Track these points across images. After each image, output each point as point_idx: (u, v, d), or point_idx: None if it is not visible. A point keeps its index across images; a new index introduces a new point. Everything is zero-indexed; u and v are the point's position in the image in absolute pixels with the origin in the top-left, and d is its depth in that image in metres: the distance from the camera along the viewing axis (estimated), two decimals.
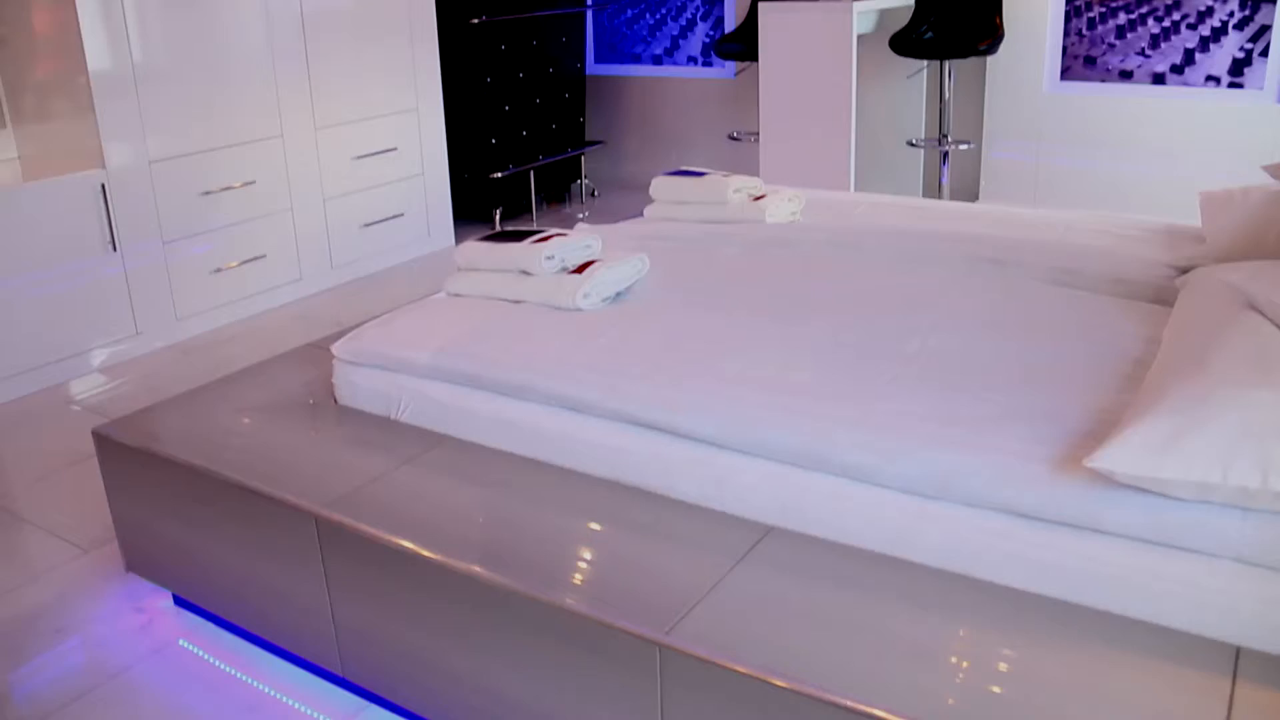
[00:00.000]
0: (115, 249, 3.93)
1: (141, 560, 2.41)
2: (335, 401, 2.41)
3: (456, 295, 2.58)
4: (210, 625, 2.38)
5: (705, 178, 3.24)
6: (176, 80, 4.06)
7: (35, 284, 3.71)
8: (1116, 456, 1.52)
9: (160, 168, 4.05)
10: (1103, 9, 5.12)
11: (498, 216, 5.65)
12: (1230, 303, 1.97)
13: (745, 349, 2.12)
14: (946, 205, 3.40)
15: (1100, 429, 1.69)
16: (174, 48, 4.04)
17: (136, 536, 2.39)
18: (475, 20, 5.28)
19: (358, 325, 2.52)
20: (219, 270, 4.30)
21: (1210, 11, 4.89)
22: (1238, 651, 1.46)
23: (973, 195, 5.55)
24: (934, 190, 5.48)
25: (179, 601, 2.45)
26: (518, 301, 2.47)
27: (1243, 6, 4.81)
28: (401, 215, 5.07)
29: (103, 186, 3.88)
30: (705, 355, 2.10)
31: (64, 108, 3.96)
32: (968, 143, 5.38)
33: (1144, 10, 5.03)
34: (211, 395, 2.53)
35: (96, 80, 3.82)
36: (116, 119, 3.89)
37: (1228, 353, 1.70)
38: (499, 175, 5.55)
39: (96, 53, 3.81)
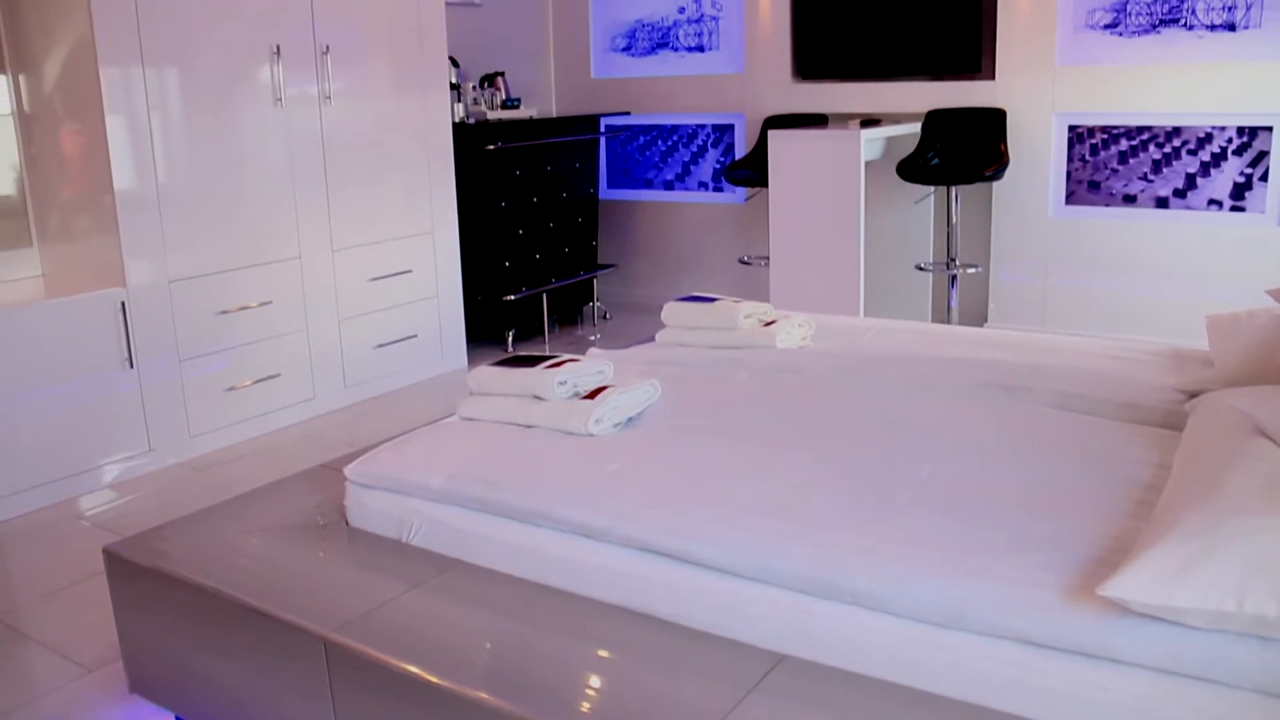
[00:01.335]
0: (132, 365, 3.98)
1: (146, 682, 2.39)
2: (346, 523, 2.41)
3: (469, 419, 2.60)
4: None
5: (716, 304, 3.28)
6: (198, 200, 4.16)
7: (52, 398, 3.75)
8: (1130, 585, 1.51)
9: (179, 286, 4.12)
10: (1104, 136, 5.24)
11: (510, 338, 5.70)
12: (1239, 428, 1.97)
13: (756, 475, 2.13)
14: (955, 330, 3.43)
15: (1112, 556, 1.68)
16: (197, 169, 4.15)
17: (142, 657, 2.37)
18: (491, 146, 5.41)
19: (369, 446, 2.53)
20: (233, 388, 4.34)
21: (1209, 138, 4.99)
22: None
23: (982, 317, 5.60)
24: (943, 313, 5.53)
25: None
26: (530, 426, 2.48)
27: (1240, 134, 4.92)
28: (415, 336, 5.12)
29: (123, 304, 3.94)
30: (716, 482, 2.10)
31: (88, 226, 4.05)
32: (976, 266, 5.45)
33: (1145, 137, 5.14)
34: (223, 515, 2.54)
35: (121, 199, 3.92)
36: (139, 238, 3.97)
37: (1239, 480, 1.70)
38: (512, 297, 5.62)
39: (122, 172, 3.91)
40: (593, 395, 2.47)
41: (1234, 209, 4.99)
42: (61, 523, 3.65)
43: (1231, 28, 4.88)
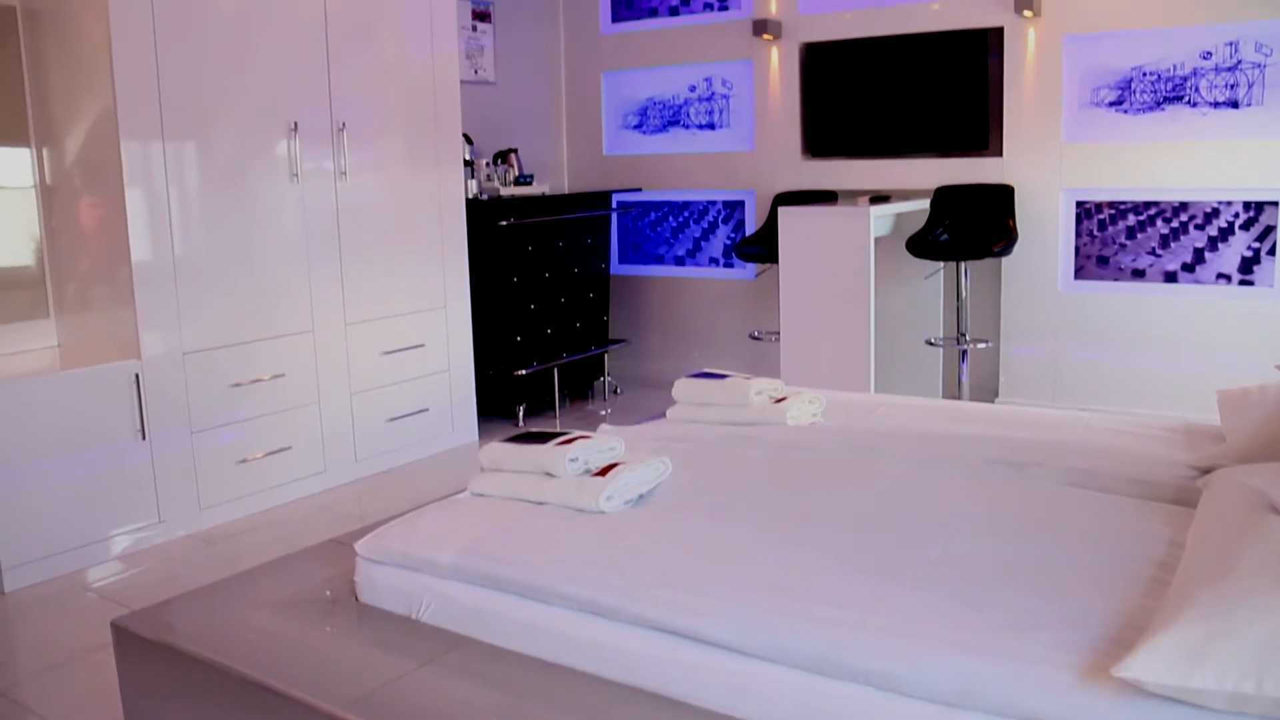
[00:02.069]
0: (145, 437, 3.99)
1: None
2: (356, 599, 2.40)
3: (480, 495, 2.60)
4: None
5: (727, 380, 3.29)
6: (214, 273, 4.20)
7: (63, 468, 3.76)
8: (1145, 665, 1.50)
9: (193, 359, 4.15)
10: (1112, 211, 5.28)
11: (521, 413, 5.71)
12: (1253, 506, 1.96)
13: (767, 554, 2.12)
14: (965, 406, 3.44)
15: (1127, 635, 1.67)
16: (213, 242, 4.20)
17: None
18: (504, 222, 5.47)
19: (380, 520, 2.53)
20: (244, 460, 4.35)
21: (1216, 213, 5.03)
22: None
23: (992, 392, 5.59)
24: (954, 387, 5.53)
25: None
26: (541, 503, 2.48)
27: (1247, 208, 4.96)
28: (426, 410, 5.14)
29: (137, 376, 3.97)
30: (727, 560, 2.10)
31: (104, 297, 4.10)
32: (986, 341, 5.46)
33: (1152, 212, 5.18)
34: (232, 589, 2.53)
35: (138, 271, 3.96)
36: (154, 310, 4.01)
37: (1254, 558, 1.69)
38: (523, 372, 5.64)
39: (140, 245, 3.96)
40: (604, 472, 2.47)
41: (1242, 283, 5.01)
42: (69, 594, 3.64)
43: (1235, 105, 4.93)
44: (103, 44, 3.85)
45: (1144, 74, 5.12)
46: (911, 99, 5.72)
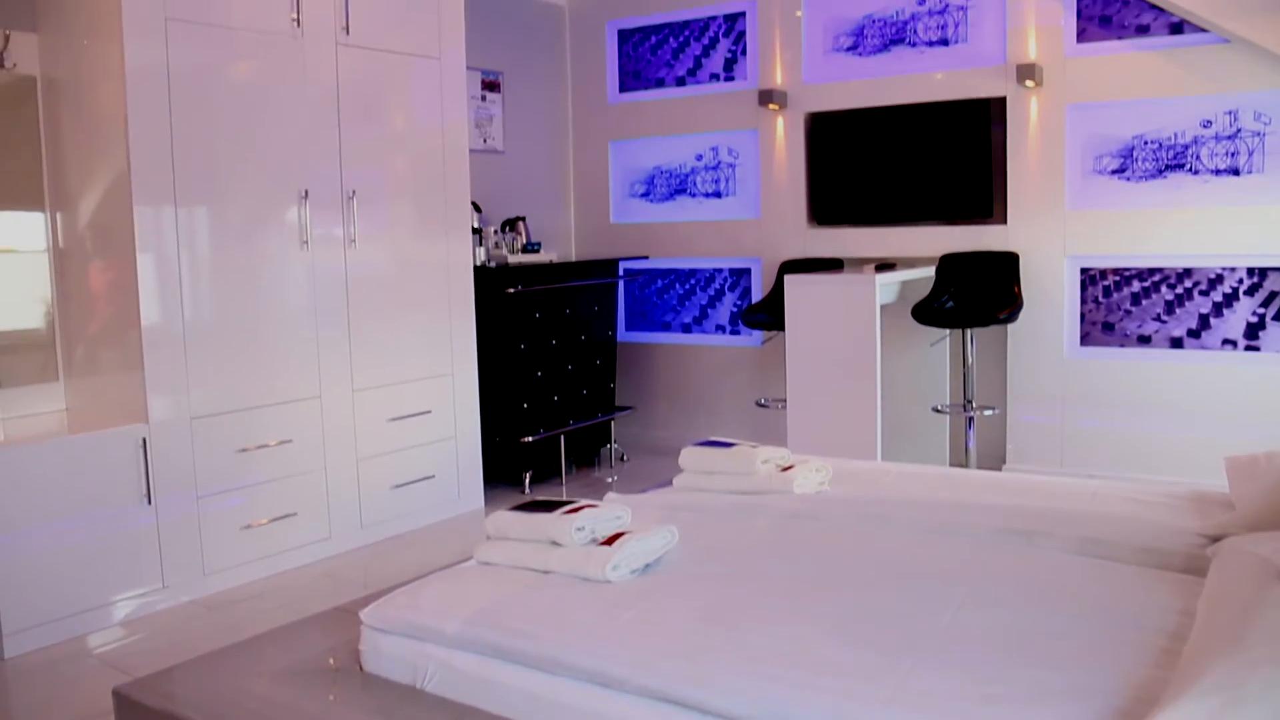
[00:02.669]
0: (150, 501, 3.99)
1: None
2: (360, 668, 2.39)
3: (486, 564, 2.59)
4: None
5: (733, 449, 3.29)
6: (223, 338, 4.23)
7: (67, 532, 3.75)
8: None
9: (201, 424, 4.16)
10: (1117, 278, 5.30)
11: (527, 480, 5.70)
12: (1263, 576, 1.96)
13: (775, 624, 2.11)
14: (973, 474, 3.43)
15: (1137, 707, 1.65)
16: (223, 307, 4.23)
17: None
18: (511, 290, 5.50)
19: (385, 587, 2.52)
20: (249, 526, 4.34)
21: (1220, 279, 5.05)
22: None
23: (1000, 459, 5.58)
24: (961, 454, 5.52)
25: None
26: (547, 572, 2.47)
27: (1251, 274, 4.98)
28: (432, 477, 5.13)
29: (144, 441, 3.97)
30: (735, 630, 2.08)
31: (113, 361, 4.12)
32: (992, 408, 5.45)
33: (1156, 278, 5.20)
34: (234, 657, 2.52)
35: (148, 335, 3.99)
36: (163, 374, 4.03)
37: (1265, 629, 1.68)
38: (530, 439, 5.64)
39: (150, 309, 3.99)
40: (610, 541, 2.46)
41: (1248, 348, 5.02)
42: (71, 660, 3.61)
43: (1235, 172, 4.98)
44: (119, 112, 3.92)
45: (1145, 142, 5.17)
46: (916, 168, 5.78)
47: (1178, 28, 5.04)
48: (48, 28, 4.19)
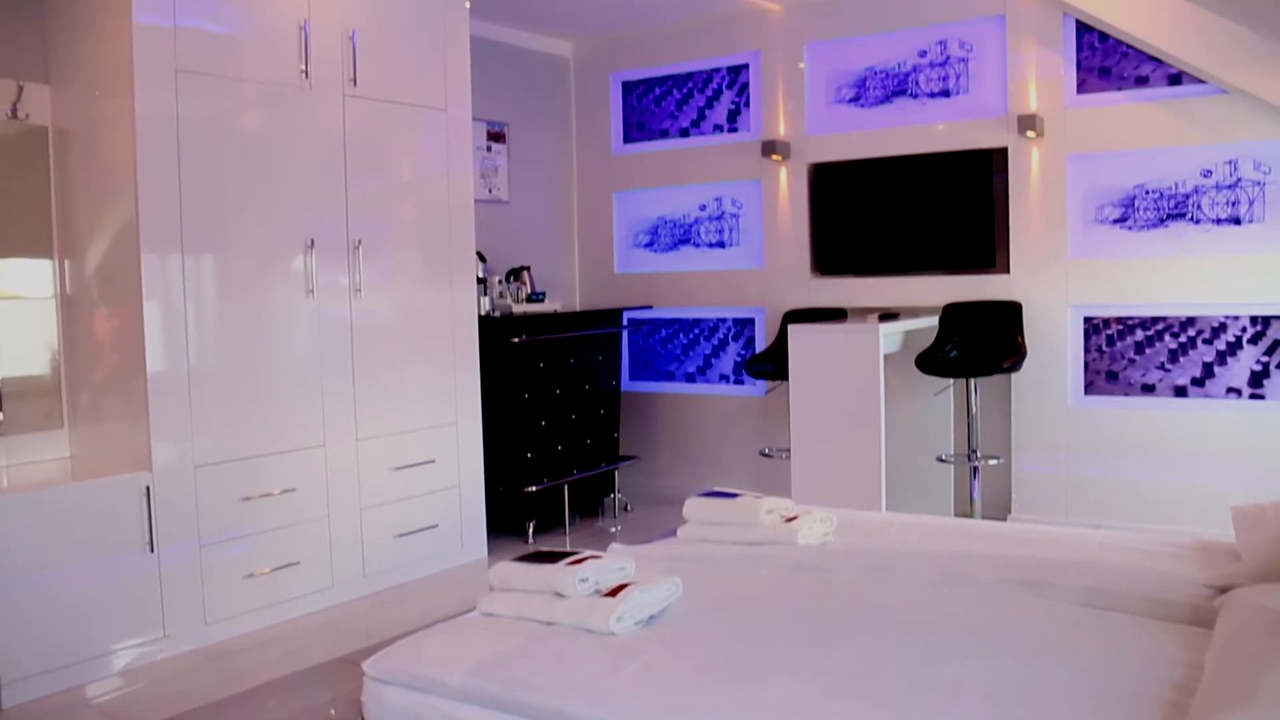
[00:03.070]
0: (153, 550, 3.98)
1: None
2: (362, 719, 2.37)
3: (490, 615, 2.58)
4: None
5: (737, 500, 3.28)
6: (228, 386, 4.23)
7: (68, 580, 3.73)
8: None
9: (204, 472, 4.15)
10: (1120, 327, 5.31)
11: (531, 529, 5.68)
12: (1272, 629, 1.94)
13: (780, 676, 2.10)
14: (978, 525, 3.42)
15: None
16: (228, 355, 4.24)
17: None
18: (516, 339, 5.51)
19: (387, 638, 2.51)
20: (252, 575, 4.32)
21: (1224, 327, 5.06)
22: None
23: (1005, 508, 5.56)
24: (966, 504, 5.50)
25: None
26: (550, 623, 2.46)
27: (1254, 323, 4.98)
28: (436, 526, 5.11)
29: (147, 488, 3.97)
30: (739, 683, 2.07)
31: (118, 409, 4.13)
32: (997, 458, 5.44)
33: (1160, 327, 5.21)
34: (236, 708, 2.51)
35: (153, 383, 3.99)
36: (167, 421, 4.03)
37: (1274, 684, 1.67)
38: (534, 489, 5.63)
39: (155, 356, 4.00)
40: (614, 592, 2.46)
41: (1253, 397, 5.02)
42: (70, 711, 3.57)
43: (1237, 221, 5.00)
44: (128, 161, 3.95)
45: (1146, 192, 5.20)
46: (919, 218, 5.81)
47: (1176, 79, 5.09)
48: (60, 79, 4.24)
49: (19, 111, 4.14)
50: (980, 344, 5.34)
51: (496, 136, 6.38)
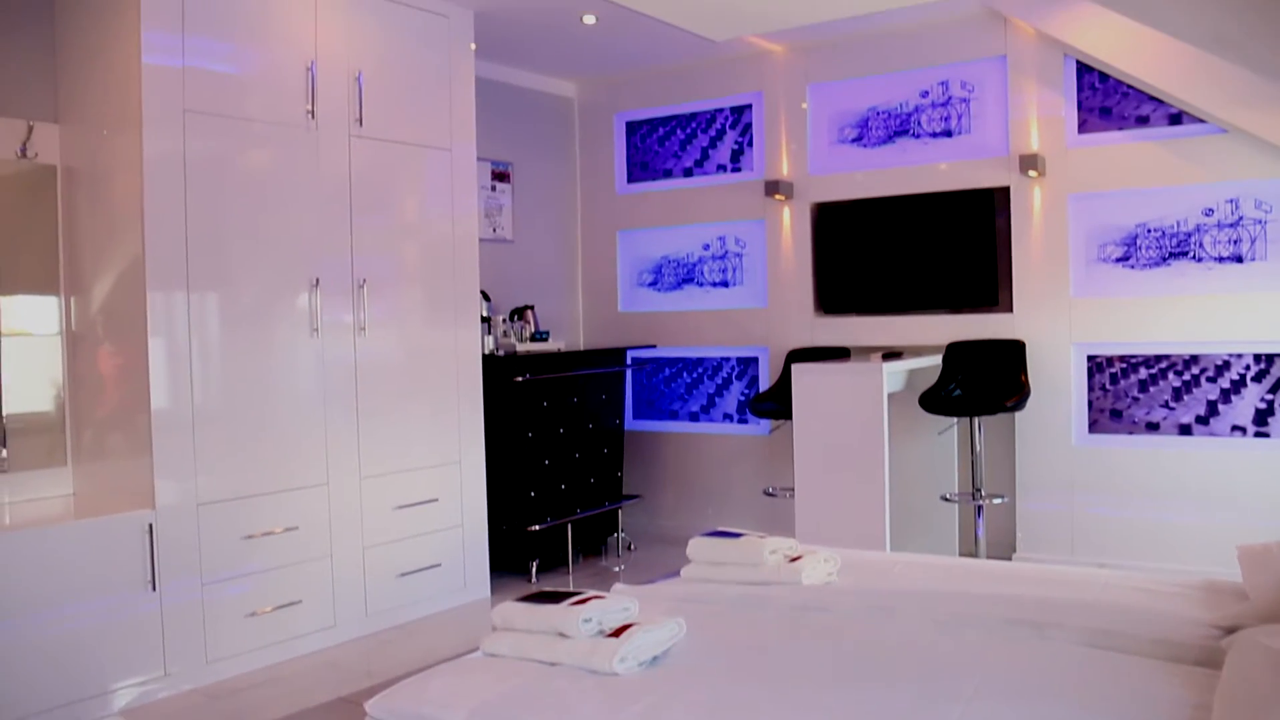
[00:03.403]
0: (155, 588, 3.96)
1: None
2: None
3: (492, 655, 2.57)
4: None
5: (741, 539, 3.27)
6: (232, 424, 4.23)
7: (70, 618, 3.71)
8: None
9: (207, 510, 4.15)
10: (1123, 365, 5.31)
11: (534, 569, 5.66)
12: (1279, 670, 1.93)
13: (783, 718, 2.08)
14: (983, 565, 3.41)
15: None
16: (232, 393, 4.24)
17: None
18: (519, 378, 5.52)
19: (390, 677, 2.50)
20: (254, 614, 4.30)
21: (1227, 365, 5.06)
22: None
23: (1010, 547, 5.54)
24: (971, 543, 5.47)
25: None
26: (554, 664, 2.45)
27: (1258, 360, 4.99)
28: (439, 565, 5.10)
29: (150, 526, 3.96)
30: None
31: (122, 446, 4.13)
32: (1002, 496, 5.42)
33: (1163, 365, 5.21)
34: None
35: (157, 420, 3.99)
36: (171, 459, 4.03)
37: None
38: (537, 528, 5.61)
39: (160, 393, 4.00)
40: (618, 633, 2.44)
41: (1258, 434, 5.01)
42: None
43: (1239, 259, 5.02)
44: (136, 199, 3.98)
45: (1148, 230, 5.22)
46: (922, 257, 5.83)
47: (1176, 118, 5.12)
48: (69, 119, 4.28)
49: (28, 150, 4.17)
50: (984, 383, 5.34)
51: (501, 176, 6.42)
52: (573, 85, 7.00)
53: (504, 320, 6.06)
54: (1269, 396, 4.99)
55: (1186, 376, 5.18)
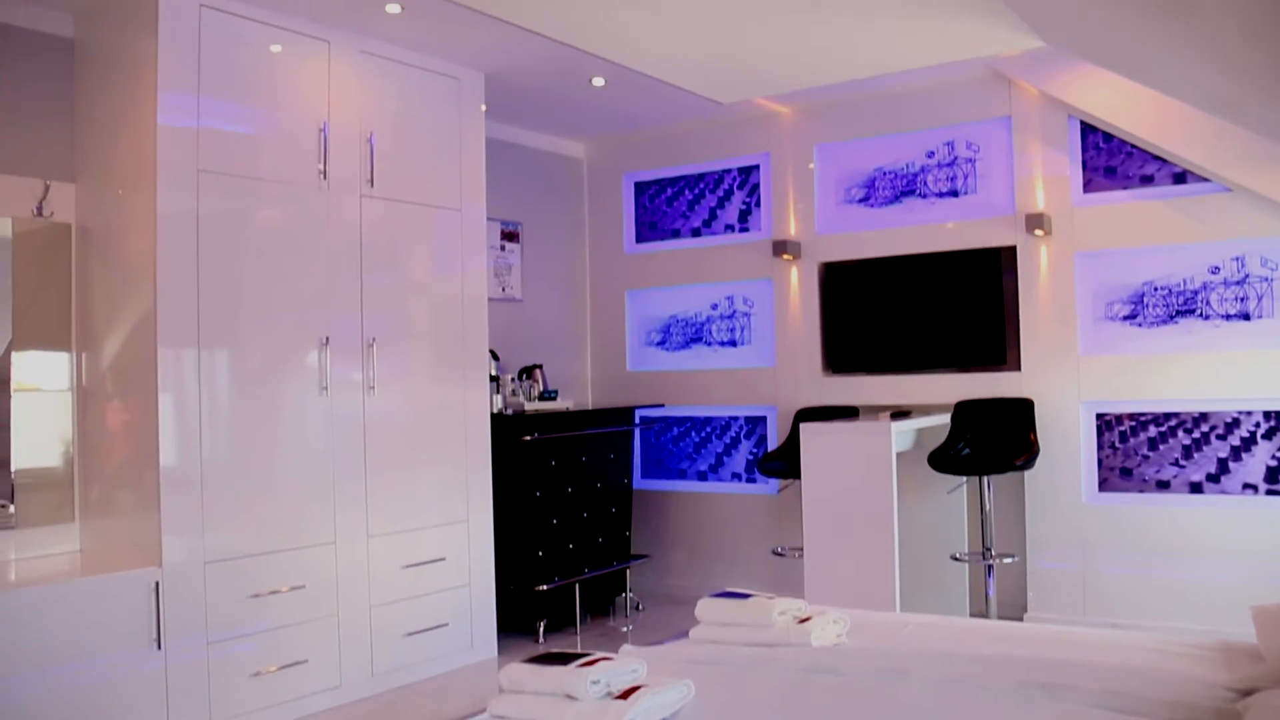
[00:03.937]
0: (160, 646, 3.94)
1: None
2: None
3: (500, 717, 2.55)
4: None
5: (750, 600, 3.25)
6: (240, 482, 4.23)
7: (75, 676, 3.68)
8: None
9: (214, 568, 4.13)
10: (1133, 423, 5.29)
11: (542, 629, 5.62)
12: None
13: None
14: (994, 625, 3.38)
15: None
16: (241, 451, 4.25)
17: None
18: (528, 437, 5.52)
19: None
20: (259, 674, 4.27)
21: (1237, 422, 5.05)
22: None
23: (1021, 606, 5.49)
24: (981, 603, 5.43)
25: None
26: None
27: (1268, 418, 4.97)
28: (446, 625, 5.06)
29: (157, 584, 3.94)
30: None
31: (130, 503, 4.13)
32: (1012, 556, 5.39)
33: (1173, 423, 5.20)
34: None
35: (165, 477, 4.00)
36: (179, 516, 4.02)
37: None
38: (545, 587, 5.58)
39: (168, 450, 4.01)
40: (626, 695, 2.43)
41: (1269, 492, 4.98)
42: None
43: (1246, 317, 5.02)
44: (149, 257, 4.02)
45: (1155, 288, 5.24)
46: (929, 316, 5.84)
47: (1181, 177, 5.16)
48: (85, 178, 4.33)
49: (44, 209, 4.23)
50: (993, 441, 5.33)
51: (510, 236, 6.47)
52: (582, 146, 7.08)
53: (513, 379, 6.07)
54: (1279, 454, 4.97)
55: (1196, 434, 5.16)
